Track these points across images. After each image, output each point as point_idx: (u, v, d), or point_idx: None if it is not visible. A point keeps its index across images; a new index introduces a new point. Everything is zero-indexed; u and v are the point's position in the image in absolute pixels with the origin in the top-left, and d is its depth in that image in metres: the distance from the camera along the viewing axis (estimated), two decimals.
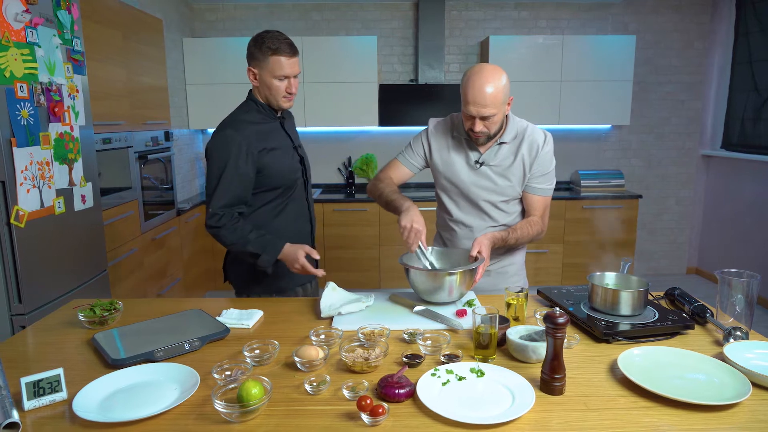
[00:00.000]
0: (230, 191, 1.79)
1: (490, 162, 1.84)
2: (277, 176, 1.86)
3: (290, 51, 1.79)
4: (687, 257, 5.18)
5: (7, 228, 1.96)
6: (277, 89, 1.81)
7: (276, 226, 1.90)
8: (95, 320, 1.51)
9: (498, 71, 1.69)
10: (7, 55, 1.91)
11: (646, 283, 1.51)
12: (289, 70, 1.79)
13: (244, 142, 1.78)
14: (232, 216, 1.80)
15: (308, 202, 2.03)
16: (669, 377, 1.18)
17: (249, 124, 1.83)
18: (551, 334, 1.13)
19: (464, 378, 1.19)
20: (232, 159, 1.77)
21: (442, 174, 1.91)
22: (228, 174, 1.77)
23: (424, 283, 1.63)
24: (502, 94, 1.68)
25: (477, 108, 1.67)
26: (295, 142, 1.97)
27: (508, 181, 1.84)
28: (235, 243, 1.79)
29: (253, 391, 1.05)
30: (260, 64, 1.79)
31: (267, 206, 1.90)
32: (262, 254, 1.77)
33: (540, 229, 1.88)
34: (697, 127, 4.97)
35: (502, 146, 1.84)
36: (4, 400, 1.06)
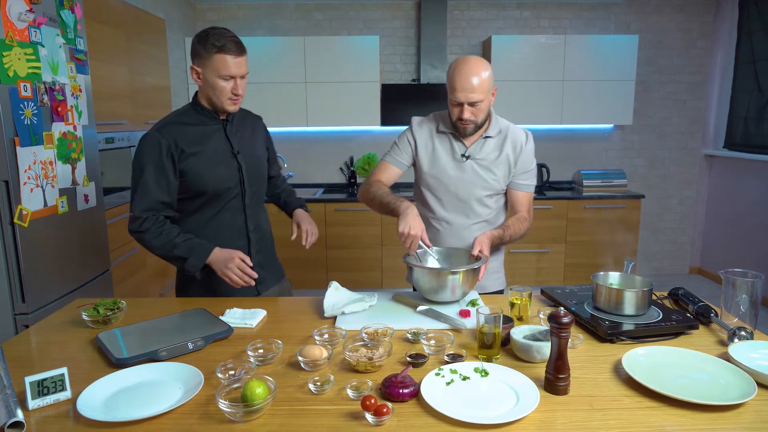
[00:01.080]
0: (151, 194, 1.69)
1: (476, 155, 1.87)
2: (200, 182, 1.73)
3: (237, 49, 1.67)
4: (689, 257, 5.17)
5: (11, 227, 1.97)
6: (221, 90, 1.69)
7: (204, 238, 1.76)
8: (99, 319, 1.52)
9: (482, 61, 1.76)
10: (10, 54, 1.92)
11: (650, 282, 1.50)
12: (235, 69, 1.67)
13: (165, 144, 1.68)
14: (157, 219, 1.70)
15: (246, 215, 1.85)
16: (674, 377, 1.18)
17: (179, 125, 1.73)
18: (556, 333, 1.13)
19: (468, 378, 1.18)
20: (151, 161, 1.67)
21: (427, 170, 1.91)
22: (147, 177, 1.68)
23: (427, 282, 1.63)
24: (488, 82, 1.75)
25: (465, 93, 1.72)
26: (235, 149, 1.80)
27: (494, 174, 1.88)
28: (161, 248, 1.70)
29: (257, 390, 1.05)
30: (203, 62, 1.67)
31: (194, 216, 1.79)
32: (189, 258, 1.68)
33: (528, 225, 1.92)
34: (700, 127, 4.96)
35: (487, 140, 1.88)
36: (9, 400, 1.06)
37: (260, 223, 1.92)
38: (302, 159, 4.96)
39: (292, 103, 4.50)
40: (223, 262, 1.67)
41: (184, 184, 1.74)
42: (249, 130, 1.90)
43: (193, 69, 1.71)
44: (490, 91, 1.78)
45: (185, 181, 1.73)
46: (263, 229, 1.94)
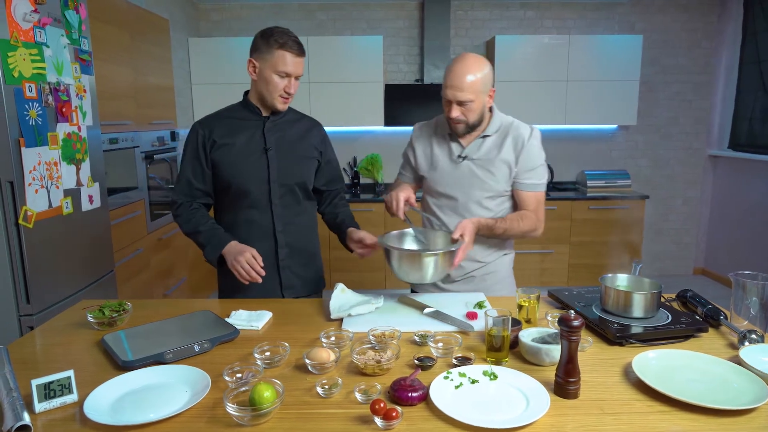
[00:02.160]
0: (186, 180, 1.80)
1: (473, 156, 1.81)
2: (226, 174, 1.77)
3: (298, 50, 1.72)
4: (694, 258, 5.15)
5: (16, 228, 1.96)
6: (275, 86, 1.72)
7: (233, 235, 1.78)
8: (104, 321, 1.51)
9: (480, 60, 1.69)
10: (15, 55, 1.91)
11: (659, 285, 1.49)
12: (292, 68, 1.71)
13: (201, 134, 1.77)
14: (191, 206, 1.80)
15: (273, 215, 1.82)
16: (685, 381, 1.17)
17: (221, 118, 1.81)
18: (566, 337, 1.12)
19: (477, 381, 1.17)
20: (189, 150, 1.79)
21: (426, 174, 1.89)
22: (185, 164, 1.79)
23: (401, 264, 1.57)
24: (481, 81, 1.67)
25: (453, 92, 1.67)
26: (267, 145, 1.79)
27: (492, 174, 1.79)
28: (189, 233, 1.79)
29: (265, 394, 1.04)
30: (263, 56, 1.70)
31: (227, 212, 1.84)
32: (207, 246, 1.74)
33: (533, 224, 1.80)
34: (705, 127, 4.94)
35: (485, 139, 1.81)
36: (15, 403, 1.06)
37: (294, 227, 1.86)
38: None
39: (296, 103, 4.45)
40: (233, 254, 1.69)
41: (215, 176, 1.80)
42: (297, 132, 1.87)
43: (250, 62, 1.74)
44: (484, 91, 1.70)
45: (216, 173, 1.80)
46: (299, 233, 1.88)
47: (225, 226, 1.82)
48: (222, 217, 1.86)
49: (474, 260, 1.86)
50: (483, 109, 1.74)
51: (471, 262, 1.86)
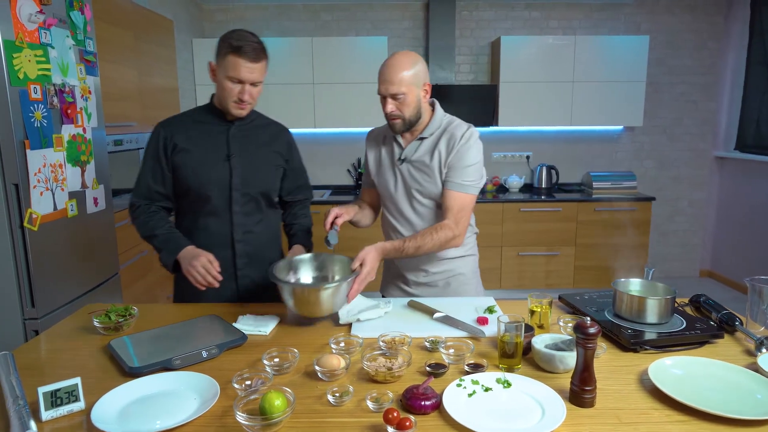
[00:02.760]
0: (145, 183, 1.75)
1: (411, 157, 1.79)
2: (186, 179, 1.72)
3: (253, 55, 1.61)
4: (700, 260, 5.12)
5: (21, 231, 1.95)
6: (228, 92, 1.65)
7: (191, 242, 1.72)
8: (110, 326, 1.49)
9: (412, 55, 1.69)
10: (20, 56, 1.90)
11: (673, 290, 1.47)
12: (245, 74, 1.62)
13: (162, 136, 1.72)
14: (149, 209, 1.75)
15: (233, 224, 1.76)
16: (703, 389, 1.14)
17: (184, 121, 1.76)
18: (582, 344, 1.09)
19: (491, 389, 1.15)
20: (150, 152, 1.74)
21: (375, 179, 1.89)
22: (145, 166, 1.75)
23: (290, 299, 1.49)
24: (413, 75, 1.66)
25: (385, 86, 1.66)
26: (230, 152, 1.74)
27: (428, 176, 1.76)
28: (145, 237, 1.74)
29: (276, 402, 1.02)
30: (219, 60, 1.65)
31: (186, 217, 1.80)
32: (162, 250, 1.69)
33: (451, 233, 1.68)
34: (711, 129, 4.91)
35: (423, 141, 1.78)
36: (22, 411, 1.04)
37: (254, 235, 1.81)
38: (309, 160, 4.91)
39: (300, 104, 4.48)
40: (189, 259, 1.63)
41: (175, 179, 1.75)
42: (262, 139, 1.83)
43: (210, 64, 1.70)
44: (417, 85, 1.67)
45: (175, 177, 1.75)
46: (258, 242, 1.82)
47: (183, 231, 1.76)
48: (181, 222, 1.82)
49: (434, 261, 1.83)
50: (418, 103, 1.71)
51: (432, 263, 1.84)
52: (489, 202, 4.43)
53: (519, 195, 4.61)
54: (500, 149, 4.92)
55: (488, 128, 4.76)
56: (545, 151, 4.92)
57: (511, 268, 4.51)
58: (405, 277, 1.89)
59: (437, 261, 1.84)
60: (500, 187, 4.86)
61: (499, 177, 4.91)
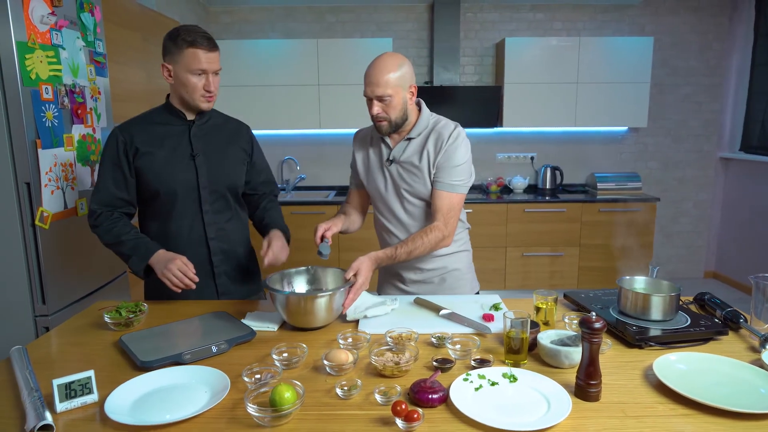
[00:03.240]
0: (106, 189, 1.69)
1: (399, 158, 1.79)
2: (152, 182, 1.70)
3: (208, 44, 1.63)
4: (704, 261, 5.12)
5: (32, 229, 1.98)
6: (193, 86, 1.65)
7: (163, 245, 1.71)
8: (121, 322, 1.51)
9: (397, 56, 1.69)
10: (32, 57, 1.93)
11: (677, 287, 1.48)
12: (206, 64, 1.63)
13: (122, 141, 1.68)
14: (111, 215, 1.70)
15: (204, 222, 1.77)
16: (708, 384, 1.15)
17: (143, 124, 1.73)
18: (587, 339, 1.11)
19: (497, 383, 1.17)
20: (108, 157, 1.69)
21: (365, 181, 1.89)
22: (104, 172, 1.70)
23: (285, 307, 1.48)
24: (399, 77, 1.66)
25: (371, 88, 1.66)
26: (195, 151, 1.74)
27: (417, 177, 1.77)
28: (111, 244, 1.70)
29: (285, 395, 1.04)
30: (174, 58, 1.64)
31: (154, 221, 1.77)
32: (132, 256, 1.66)
33: (441, 234, 1.71)
34: (716, 130, 4.91)
35: (410, 142, 1.79)
36: (37, 402, 1.06)
37: (226, 233, 1.82)
38: (315, 161, 4.96)
39: (305, 105, 4.50)
40: (163, 263, 1.62)
41: (139, 184, 1.73)
42: (224, 136, 1.82)
43: (164, 67, 1.67)
44: (403, 87, 1.68)
45: (140, 181, 1.72)
46: (231, 239, 1.83)
47: (153, 235, 1.75)
48: (148, 227, 1.79)
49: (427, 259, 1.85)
50: (404, 105, 1.72)
51: (425, 261, 1.85)
52: (493, 202, 4.44)
53: (523, 196, 4.63)
54: (505, 150, 4.93)
55: (493, 129, 4.78)
56: (549, 152, 4.93)
57: (516, 269, 4.52)
58: (401, 276, 1.91)
59: (430, 258, 1.86)
60: (504, 187, 4.87)
61: (503, 178, 4.92)
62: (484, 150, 4.91)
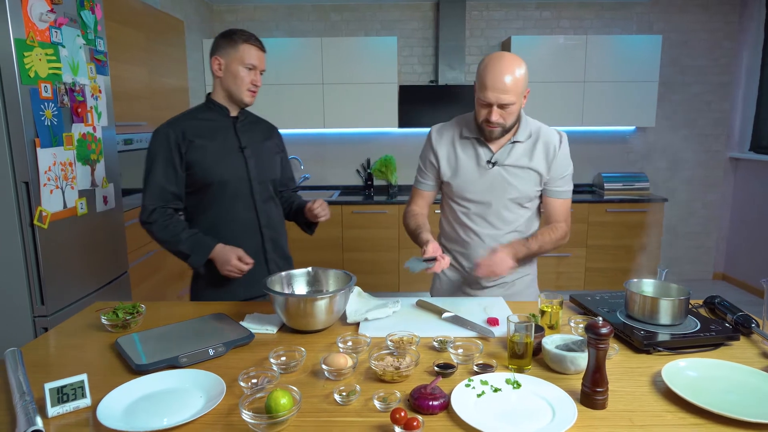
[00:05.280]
0: (160, 186, 1.75)
1: (504, 161, 1.75)
2: (206, 174, 1.77)
3: (261, 45, 1.80)
4: (713, 262, 5.05)
5: (31, 229, 1.96)
6: (242, 79, 1.77)
7: (218, 235, 1.79)
8: (118, 324, 1.49)
9: (519, 59, 1.63)
10: (31, 54, 1.91)
11: (687, 291, 1.44)
12: (257, 61, 1.78)
13: (173, 136, 1.75)
14: (165, 212, 1.77)
15: (257, 211, 1.86)
16: (718, 392, 1.12)
17: (190, 120, 1.80)
18: (594, 345, 1.07)
19: (500, 390, 1.13)
20: (161, 153, 1.75)
21: (451, 180, 1.82)
22: (157, 168, 1.75)
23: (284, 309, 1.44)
24: (522, 82, 1.61)
25: (496, 94, 1.58)
26: (242, 144, 1.84)
27: (523, 180, 1.77)
28: (167, 241, 1.76)
29: (282, 401, 1.01)
30: (228, 52, 1.76)
31: (207, 213, 1.81)
32: (192, 255, 1.74)
33: (564, 232, 1.83)
34: (725, 129, 4.84)
35: (515, 145, 1.75)
36: (28, 407, 1.04)
37: (273, 221, 1.92)
38: (319, 161, 4.94)
39: (309, 104, 4.48)
40: (222, 262, 1.73)
41: (190, 177, 1.78)
42: (262, 132, 1.94)
43: (215, 60, 1.78)
44: (523, 93, 1.64)
45: (192, 174, 1.77)
46: (276, 227, 1.93)
47: (203, 227, 1.80)
48: (198, 219, 1.83)
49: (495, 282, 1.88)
50: (519, 111, 1.70)
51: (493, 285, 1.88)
52: None
53: None
54: None
55: None
56: None
57: None
58: (479, 284, 1.87)
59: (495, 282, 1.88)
60: None
61: None
62: None
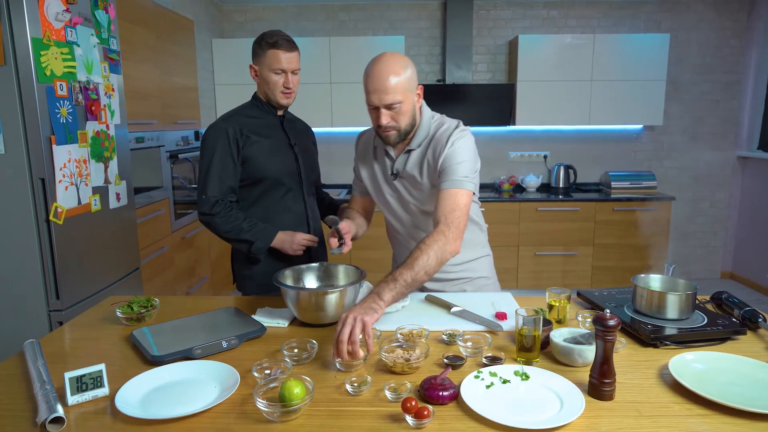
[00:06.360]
0: (221, 179, 1.81)
1: (402, 172, 1.67)
2: (261, 168, 1.85)
3: (288, 46, 1.81)
4: (721, 261, 5.04)
5: (47, 225, 1.99)
6: (274, 84, 1.83)
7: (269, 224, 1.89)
8: (133, 317, 1.52)
9: (400, 57, 1.54)
10: (48, 53, 1.94)
11: (694, 286, 1.45)
12: (286, 64, 1.81)
13: (231, 132, 1.82)
14: (225, 204, 1.82)
15: (305, 203, 1.97)
16: (725, 384, 1.13)
17: (244, 116, 1.88)
18: (601, 337, 1.09)
19: (508, 381, 1.15)
20: (220, 147, 1.81)
21: (372, 191, 1.79)
22: (217, 162, 1.81)
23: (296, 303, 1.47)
24: (406, 80, 1.51)
25: (379, 95, 1.50)
26: (292, 140, 1.93)
27: (422, 192, 1.65)
28: (229, 231, 1.82)
29: (295, 390, 1.03)
30: (260, 59, 1.83)
31: (258, 204, 1.90)
32: (256, 242, 1.82)
33: (442, 239, 1.45)
34: (733, 128, 4.83)
35: (410, 154, 1.65)
36: (49, 395, 1.07)
37: (315, 214, 2.03)
38: (327, 159, 4.95)
39: (317, 103, 4.50)
40: (289, 243, 1.84)
41: (245, 171, 1.86)
42: (302, 131, 2.05)
43: (251, 68, 1.89)
44: (411, 90, 1.54)
45: (247, 168, 1.85)
46: (318, 221, 2.04)
47: (258, 217, 1.88)
48: (253, 211, 1.90)
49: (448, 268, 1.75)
50: (413, 110, 1.58)
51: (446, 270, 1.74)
52: (506, 201, 4.40)
53: (536, 194, 4.59)
54: (517, 148, 4.90)
55: (505, 127, 4.74)
56: (563, 150, 4.88)
57: (528, 268, 4.48)
58: (423, 288, 1.79)
59: (449, 267, 1.75)
60: (517, 186, 4.84)
61: (516, 176, 4.89)
62: (497, 148, 4.87)
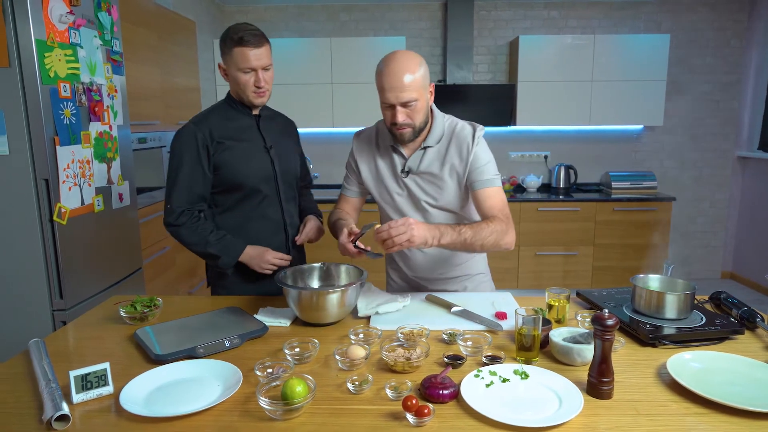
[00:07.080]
0: (188, 188, 1.70)
1: (416, 169, 1.67)
2: (235, 175, 1.73)
3: (255, 41, 1.65)
4: (722, 262, 5.04)
5: (50, 225, 2.01)
6: (244, 83, 1.69)
7: (243, 234, 1.79)
8: (136, 316, 1.53)
9: (414, 55, 1.55)
10: (51, 55, 1.96)
11: (692, 286, 1.46)
12: (255, 61, 1.65)
13: (200, 137, 1.69)
14: (192, 214, 1.72)
15: (282, 210, 1.85)
16: (722, 383, 1.14)
17: (215, 119, 1.75)
18: (600, 336, 1.10)
19: (508, 380, 1.16)
20: (188, 154, 1.69)
21: (375, 191, 1.77)
22: (184, 169, 1.69)
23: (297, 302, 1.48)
24: (421, 78, 1.53)
25: (395, 93, 1.51)
26: (267, 143, 1.80)
27: (439, 188, 1.66)
28: (196, 243, 1.72)
29: (297, 389, 1.05)
30: (227, 58, 1.69)
31: (232, 212, 1.79)
32: (222, 257, 1.71)
33: (503, 227, 1.55)
34: (733, 128, 4.84)
35: (426, 151, 1.65)
36: (54, 393, 1.08)
37: (294, 220, 1.91)
38: (328, 160, 4.97)
39: (318, 103, 4.52)
40: (257, 261, 1.74)
41: (218, 178, 1.75)
42: (282, 128, 1.91)
43: (220, 66, 1.74)
44: (425, 88, 1.56)
45: (219, 174, 1.74)
46: (297, 225, 1.92)
47: (230, 227, 1.78)
48: (224, 220, 1.80)
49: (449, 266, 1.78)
50: (427, 108, 1.61)
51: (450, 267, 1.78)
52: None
53: (537, 195, 4.60)
54: (518, 149, 4.91)
55: (506, 128, 4.75)
56: (563, 150, 4.89)
57: (528, 268, 4.50)
58: (423, 286, 1.84)
59: (454, 267, 1.80)
60: (518, 186, 4.85)
61: (516, 177, 4.90)
62: (497, 148, 4.88)
